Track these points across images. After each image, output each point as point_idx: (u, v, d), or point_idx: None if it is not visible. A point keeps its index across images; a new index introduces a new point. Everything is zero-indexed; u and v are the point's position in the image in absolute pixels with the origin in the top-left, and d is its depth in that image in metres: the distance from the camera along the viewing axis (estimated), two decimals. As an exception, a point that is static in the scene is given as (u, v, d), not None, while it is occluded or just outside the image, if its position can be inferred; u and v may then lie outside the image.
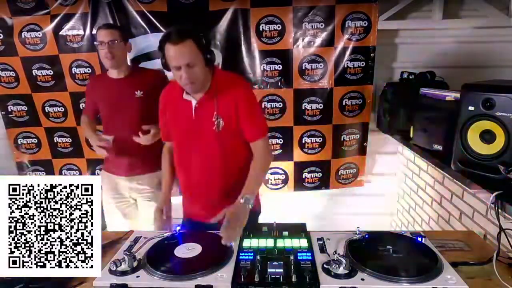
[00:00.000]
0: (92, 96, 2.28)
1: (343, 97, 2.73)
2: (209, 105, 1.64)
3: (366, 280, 1.20)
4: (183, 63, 1.51)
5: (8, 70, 2.74)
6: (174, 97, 1.71)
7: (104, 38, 2.04)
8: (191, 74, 1.54)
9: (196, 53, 1.53)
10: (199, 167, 1.74)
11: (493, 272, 1.26)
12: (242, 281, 1.20)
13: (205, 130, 1.66)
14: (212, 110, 1.64)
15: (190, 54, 1.51)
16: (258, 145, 1.69)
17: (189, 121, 1.67)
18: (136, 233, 1.59)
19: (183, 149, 1.76)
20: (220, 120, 1.64)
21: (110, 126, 2.20)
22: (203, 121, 1.66)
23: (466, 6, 2.68)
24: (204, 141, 1.68)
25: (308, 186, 2.95)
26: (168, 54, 1.53)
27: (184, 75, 1.53)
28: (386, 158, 3.04)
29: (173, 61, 1.53)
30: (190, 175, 1.77)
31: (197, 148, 1.71)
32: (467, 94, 1.60)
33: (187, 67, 1.52)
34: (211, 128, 1.65)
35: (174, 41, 1.49)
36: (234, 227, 1.44)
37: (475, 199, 1.85)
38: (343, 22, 2.57)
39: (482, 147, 1.57)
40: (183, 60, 1.51)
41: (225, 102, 1.63)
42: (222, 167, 1.71)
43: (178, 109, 1.70)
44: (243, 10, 2.56)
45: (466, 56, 2.70)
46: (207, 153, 1.70)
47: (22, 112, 2.86)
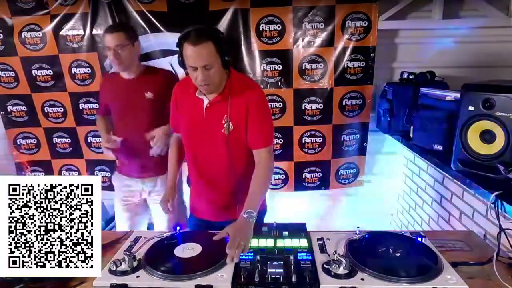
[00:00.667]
0: (103, 94, 2.27)
1: (343, 97, 2.73)
2: (221, 107, 1.62)
3: (366, 280, 1.20)
4: (201, 65, 1.48)
5: (8, 70, 2.74)
6: (187, 93, 1.69)
7: (110, 43, 1.99)
8: (207, 76, 1.51)
9: (214, 55, 1.49)
10: (206, 164, 1.74)
11: (493, 272, 1.26)
12: (242, 281, 1.20)
13: (213, 131, 1.65)
14: (223, 112, 1.62)
15: (208, 56, 1.48)
16: (261, 153, 1.66)
17: (199, 120, 1.66)
18: (136, 233, 1.59)
19: (191, 144, 1.75)
20: (229, 123, 1.62)
21: (121, 126, 2.20)
22: (212, 122, 1.64)
23: (466, 6, 2.68)
24: (212, 141, 1.67)
25: (308, 186, 2.95)
26: (185, 53, 1.49)
27: (200, 76, 1.50)
28: (386, 158, 3.04)
29: (190, 61, 1.50)
30: (197, 171, 1.77)
31: (204, 146, 1.70)
32: (467, 94, 1.60)
33: (203, 69, 1.49)
34: (220, 130, 1.63)
35: (193, 42, 1.45)
36: (240, 244, 1.35)
37: (475, 199, 1.85)
38: (343, 22, 2.56)
39: (482, 147, 1.57)
40: (201, 61, 1.48)
41: (237, 105, 1.61)
42: (228, 168, 1.69)
43: (190, 106, 1.69)
44: (243, 10, 2.56)
45: (466, 56, 2.70)
46: (214, 153, 1.69)
47: (21, 113, 2.86)
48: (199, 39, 1.45)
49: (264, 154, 1.65)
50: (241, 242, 1.36)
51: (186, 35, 1.48)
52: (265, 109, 1.69)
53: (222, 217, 1.74)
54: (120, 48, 1.99)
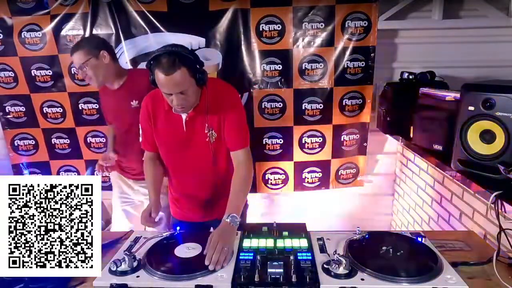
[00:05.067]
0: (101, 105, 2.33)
1: (343, 97, 2.73)
2: (200, 119, 1.62)
3: (366, 280, 1.20)
4: (176, 92, 1.45)
5: (7, 70, 2.73)
6: (161, 109, 1.64)
7: (75, 64, 1.96)
8: (183, 100, 1.49)
9: (189, 80, 1.45)
10: (189, 175, 1.75)
11: (493, 272, 1.26)
12: (242, 281, 1.20)
13: (197, 141, 1.65)
14: (204, 123, 1.62)
15: (183, 82, 1.43)
16: (238, 154, 1.67)
17: (180, 133, 1.65)
18: (136, 233, 1.60)
19: (172, 158, 1.75)
20: (212, 132, 1.63)
21: (117, 133, 2.25)
22: (195, 134, 1.65)
23: (466, 6, 2.68)
24: (196, 151, 1.68)
25: (308, 186, 2.95)
26: (158, 80, 1.44)
27: (176, 101, 1.48)
28: (386, 158, 3.04)
29: (164, 89, 1.46)
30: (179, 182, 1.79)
31: (187, 158, 1.71)
32: (467, 94, 1.60)
33: (179, 94, 1.46)
34: (203, 139, 1.64)
35: (165, 71, 1.39)
36: (224, 250, 1.32)
37: (475, 199, 1.85)
38: (343, 22, 2.56)
39: (482, 147, 1.56)
40: (175, 89, 1.44)
41: (215, 114, 1.61)
42: (212, 173, 1.73)
43: (167, 122, 1.66)
44: (243, 10, 2.56)
45: (466, 56, 2.70)
46: (198, 162, 1.71)
47: (20, 113, 2.84)
48: (172, 68, 1.39)
49: (243, 155, 1.66)
50: (224, 248, 1.33)
51: (157, 61, 1.41)
52: (242, 111, 1.70)
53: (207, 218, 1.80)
54: (86, 65, 1.94)
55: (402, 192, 2.95)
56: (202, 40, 2.61)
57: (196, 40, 2.61)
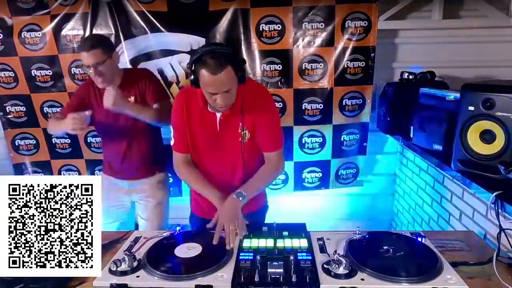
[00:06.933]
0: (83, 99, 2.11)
1: (343, 97, 2.73)
2: (235, 118, 1.61)
3: (366, 280, 1.20)
4: (222, 91, 1.44)
5: (7, 70, 2.73)
6: (197, 107, 1.62)
7: (88, 61, 1.89)
8: (227, 99, 1.48)
9: (234, 78, 1.45)
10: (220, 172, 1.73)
11: (493, 272, 1.26)
12: (242, 281, 1.20)
13: (230, 141, 1.65)
14: (238, 122, 1.61)
15: (229, 81, 1.43)
16: (272, 156, 1.69)
17: (214, 133, 1.64)
18: (136, 233, 1.60)
19: (204, 157, 1.72)
20: (246, 132, 1.62)
21: (107, 133, 2.18)
22: (228, 133, 1.64)
23: (466, 6, 2.68)
24: (228, 151, 1.67)
25: (308, 186, 2.95)
26: (203, 80, 1.42)
27: (220, 101, 1.47)
28: (386, 158, 3.04)
29: (210, 89, 1.44)
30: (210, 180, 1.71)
31: (219, 155, 1.69)
32: (467, 94, 1.60)
33: (224, 93, 1.45)
34: (236, 139, 1.64)
35: (213, 70, 1.38)
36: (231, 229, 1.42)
37: (475, 199, 1.85)
38: (343, 22, 2.56)
39: (482, 147, 1.57)
40: (222, 88, 1.43)
41: (250, 114, 1.60)
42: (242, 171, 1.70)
43: (202, 120, 1.64)
44: (243, 10, 2.56)
45: (466, 56, 2.70)
46: (230, 159, 1.69)
47: (20, 113, 2.84)
48: (219, 67, 1.38)
49: (274, 156, 1.69)
50: (230, 227, 1.39)
51: (203, 62, 1.39)
52: (276, 112, 1.72)
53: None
54: (101, 65, 1.90)
55: (402, 192, 2.95)
56: (202, 40, 2.61)
57: (196, 40, 2.61)
